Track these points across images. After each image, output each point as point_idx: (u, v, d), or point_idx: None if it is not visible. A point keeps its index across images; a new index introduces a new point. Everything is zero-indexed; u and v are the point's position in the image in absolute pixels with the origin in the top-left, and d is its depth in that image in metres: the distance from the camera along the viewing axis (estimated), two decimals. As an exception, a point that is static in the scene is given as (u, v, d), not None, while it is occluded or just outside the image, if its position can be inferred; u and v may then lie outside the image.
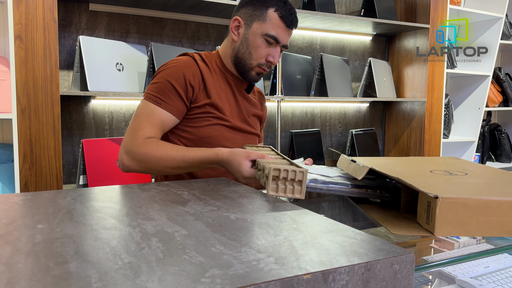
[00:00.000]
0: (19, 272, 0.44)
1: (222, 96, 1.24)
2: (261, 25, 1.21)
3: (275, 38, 1.21)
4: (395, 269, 0.51)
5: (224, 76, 1.28)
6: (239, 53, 1.24)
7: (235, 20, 1.25)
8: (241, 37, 1.24)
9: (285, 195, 0.84)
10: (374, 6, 2.65)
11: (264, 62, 1.24)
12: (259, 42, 1.21)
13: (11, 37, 1.60)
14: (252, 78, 1.27)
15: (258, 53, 1.22)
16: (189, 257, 0.49)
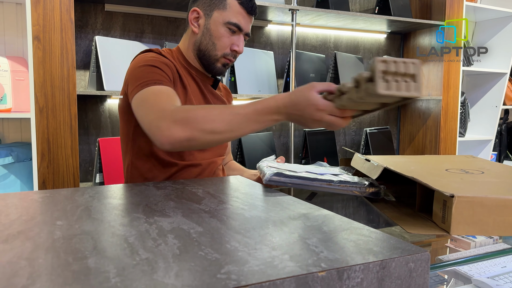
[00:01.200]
0: (40, 267, 0.45)
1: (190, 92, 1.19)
2: (221, 13, 1.15)
3: (238, 25, 1.16)
4: (410, 268, 0.51)
5: (188, 72, 1.21)
6: (201, 45, 1.18)
7: (193, 11, 1.19)
8: (202, 28, 1.18)
9: (399, 93, 0.67)
10: (388, 3, 2.62)
11: (229, 52, 1.18)
12: (222, 31, 1.16)
13: (29, 38, 1.63)
14: (219, 70, 1.21)
15: (222, 43, 1.16)
16: (204, 254, 0.50)
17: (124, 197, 0.79)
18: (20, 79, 1.78)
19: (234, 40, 1.17)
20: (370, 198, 1.05)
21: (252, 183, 0.95)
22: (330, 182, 0.92)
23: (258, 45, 2.50)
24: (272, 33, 2.56)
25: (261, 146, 2.39)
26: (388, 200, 1.01)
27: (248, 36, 1.21)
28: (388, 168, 0.93)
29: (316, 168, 1.08)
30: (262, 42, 2.52)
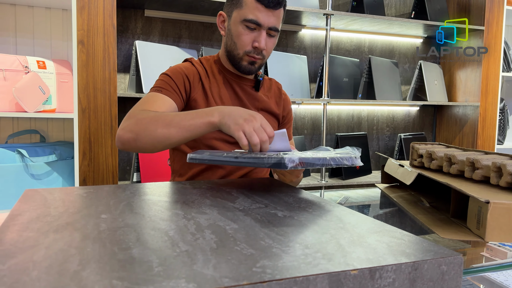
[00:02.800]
0: (88, 255, 0.49)
1: (222, 98, 1.22)
2: (239, 12, 1.16)
3: (255, 21, 1.14)
4: (443, 270, 0.51)
5: (223, 76, 1.25)
6: (227, 46, 1.22)
7: (219, 15, 1.24)
8: (226, 30, 1.21)
9: None
10: (425, 7, 2.59)
11: (251, 49, 1.17)
12: (240, 29, 1.16)
13: (74, 42, 1.71)
14: (246, 69, 1.21)
15: (241, 41, 1.17)
16: (240, 249, 0.52)
17: (162, 195, 0.82)
18: (64, 81, 1.87)
19: (255, 37, 1.17)
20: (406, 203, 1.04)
21: (284, 184, 0.97)
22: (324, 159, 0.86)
23: (291, 50, 2.52)
24: (306, 38, 2.57)
25: (293, 149, 2.40)
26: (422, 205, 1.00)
27: (275, 30, 1.18)
28: (422, 174, 0.93)
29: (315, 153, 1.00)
30: (296, 46, 2.54)
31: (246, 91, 1.26)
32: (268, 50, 1.19)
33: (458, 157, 0.94)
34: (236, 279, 0.42)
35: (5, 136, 1.91)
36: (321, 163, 0.83)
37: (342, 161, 0.88)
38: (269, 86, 1.33)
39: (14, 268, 0.44)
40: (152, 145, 0.97)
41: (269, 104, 1.29)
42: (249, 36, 1.16)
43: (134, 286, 0.40)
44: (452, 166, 0.94)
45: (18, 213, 0.67)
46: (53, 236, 0.55)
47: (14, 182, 1.72)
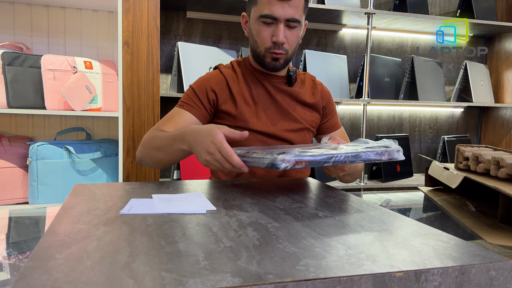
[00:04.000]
0: (137, 247, 0.51)
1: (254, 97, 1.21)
2: (255, 9, 1.15)
3: (270, 16, 1.12)
4: (492, 276, 0.50)
5: (254, 76, 1.24)
6: (251, 46, 1.21)
7: (242, 17, 1.24)
8: (248, 30, 1.22)
9: None
10: (471, 5, 2.49)
11: (271, 45, 1.15)
12: (258, 26, 1.15)
13: (120, 43, 1.77)
14: (270, 65, 1.19)
15: (261, 38, 1.16)
16: (282, 247, 0.52)
17: (204, 192, 0.84)
18: (110, 81, 1.94)
19: (272, 31, 1.14)
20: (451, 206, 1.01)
21: (323, 185, 0.97)
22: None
23: (331, 49, 2.50)
24: (346, 37, 2.54)
25: (331, 150, 2.38)
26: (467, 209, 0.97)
27: (294, 21, 1.14)
28: (469, 177, 0.90)
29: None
30: (336, 46, 2.51)
31: (278, 88, 1.24)
32: (290, 43, 1.16)
33: (507, 160, 0.90)
34: (280, 276, 0.43)
35: (54, 133, 2.01)
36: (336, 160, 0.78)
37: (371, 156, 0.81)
38: (303, 79, 1.31)
39: (69, 258, 0.46)
40: (154, 166, 1.11)
41: (304, 96, 1.27)
42: (267, 31, 1.14)
43: (182, 278, 0.41)
44: (500, 170, 0.91)
45: (69, 206, 0.71)
46: (103, 229, 0.58)
47: (61, 178, 1.80)
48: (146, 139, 1.11)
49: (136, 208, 0.70)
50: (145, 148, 1.10)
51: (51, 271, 0.42)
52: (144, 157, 1.11)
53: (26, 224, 1.30)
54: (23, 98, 1.75)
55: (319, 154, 0.77)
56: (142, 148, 1.11)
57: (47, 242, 0.51)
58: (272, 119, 1.21)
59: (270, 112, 1.22)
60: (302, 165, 0.75)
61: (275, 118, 1.22)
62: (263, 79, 1.23)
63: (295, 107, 1.25)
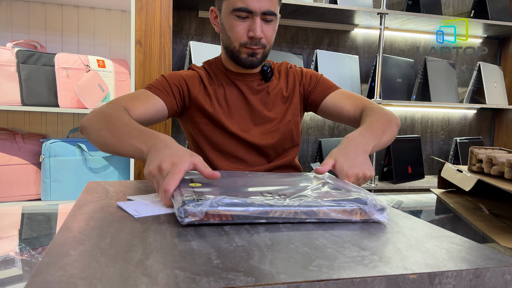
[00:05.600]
0: (150, 245, 0.51)
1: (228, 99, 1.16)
2: (227, 3, 1.07)
3: (245, 9, 1.04)
4: (507, 280, 0.49)
5: (227, 77, 1.18)
6: (223, 42, 1.14)
7: (211, 11, 1.16)
8: (219, 26, 1.14)
9: None
10: (486, 6, 2.47)
11: (247, 40, 1.08)
12: (232, 21, 1.07)
13: (132, 42, 1.78)
14: (247, 62, 1.11)
15: (235, 33, 1.08)
16: (295, 247, 0.52)
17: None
18: (122, 79, 1.95)
19: (248, 26, 1.07)
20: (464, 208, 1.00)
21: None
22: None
23: (343, 49, 2.49)
24: (358, 37, 2.53)
25: (342, 151, 2.37)
26: (481, 212, 0.96)
27: (270, 14, 1.07)
28: (483, 180, 0.89)
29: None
30: (347, 46, 2.50)
31: (252, 88, 1.18)
32: (267, 37, 1.09)
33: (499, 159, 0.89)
34: (293, 276, 0.43)
35: (67, 131, 2.03)
36: (274, 216, 0.61)
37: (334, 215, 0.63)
38: (280, 70, 1.24)
39: (84, 254, 0.47)
40: (97, 145, 0.93)
41: (281, 89, 1.20)
42: (242, 26, 1.07)
43: (195, 276, 0.41)
44: None
45: (83, 203, 0.71)
46: (116, 226, 0.58)
47: (74, 175, 1.82)
48: (104, 113, 0.94)
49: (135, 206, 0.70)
50: (98, 122, 0.92)
51: (66, 267, 0.43)
52: (91, 130, 0.93)
53: (38, 220, 1.32)
54: (36, 96, 1.77)
55: (249, 206, 0.60)
56: (95, 120, 0.94)
57: (61, 238, 0.52)
58: (245, 124, 1.16)
59: (243, 116, 1.16)
60: (218, 220, 0.59)
61: (248, 122, 1.16)
62: (236, 80, 1.17)
63: (274, 104, 1.19)
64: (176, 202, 0.61)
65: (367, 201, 0.66)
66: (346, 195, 0.68)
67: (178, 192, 0.65)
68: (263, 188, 0.72)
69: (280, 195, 0.67)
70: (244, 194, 0.66)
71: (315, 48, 2.37)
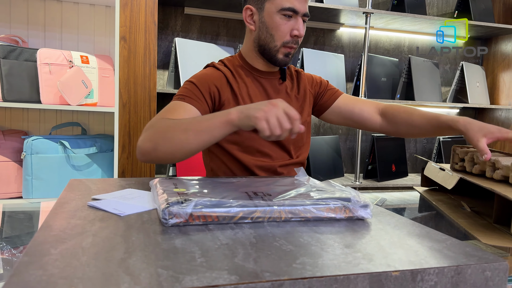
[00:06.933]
0: (133, 243, 0.50)
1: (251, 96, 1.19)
2: (273, 2, 1.12)
3: (292, 9, 1.11)
4: (487, 276, 0.50)
5: (250, 74, 1.21)
6: (260, 40, 1.17)
7: (246, 9, 1.18)
8: (258, 24, 1.16)
9: None
10: (469, 7, 2.50)
11: (290, 39, 1.14)
12: (277, 19, 1.12)
13: (117, 38, 1.76)
14: (282, 61, 1.17)
15: (279, 32, 1.13)
16: (279, 245, 0.52)
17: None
18: (106, 76, 1.93)
19: (293, 25, 1.13)
20: (446, 206, 1.02)
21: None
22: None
23: (328, 48, 2.50)
24: (344, 36, 2.54)
25: (326, 149, 2.38)
26: (463, 210, 0.98)
27: (307, 16, 1.16)
28: (465, 178, 0.90)
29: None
30: (333, 45, 2.51)
31: (274, 86, 1.23)
32: (303, 35, 1.17)
33: (502, 162, 0.90)
34: (277, 274, 0.43)
35: (49, 128, 1.99)
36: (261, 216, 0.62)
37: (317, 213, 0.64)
38: (290, 72, 1.30)
39: (65, 253, 0.46)
40: (171, 153, 0.92)
41: (295, 90, 1.27)
42: (287, 25, 1.13)
43: (178, 275, 0.41)
44: (496, 172, 0.91)
45: (65, 201, 0.70)
46: (99, 224, 0.57)
47: (56, 172, 1.79)
48: (161, 125, 0.95)
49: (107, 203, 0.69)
50: (164, 133, 0.92)
51: (46, 267, 0.42)
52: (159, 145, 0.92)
53: (20, 218, 1.29)
54: (18, 92, 1.73)
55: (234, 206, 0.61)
56: (156, 135, 0.93)
57: (42, 237, 0.51)
58: None
59: None
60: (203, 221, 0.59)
61: None
62: (259, 77, 1.22)
63: (291, 104, 1.24)
64: (160, 205, 0.61)
65: (350, 198, 0.67)
66: (330, 194, 0.69)
67: (162, 195, 0.64)
68: (248, 189, 0.73)
69: (265, 195, 0.68)
70: (230, 195, 0.66)
71: (301, 46, 2.37)
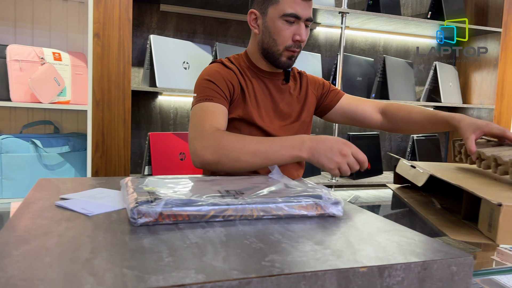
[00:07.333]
0: (100, 243, 0.49)
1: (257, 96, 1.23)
2: (276, 8, 1.16)
3: (294, 15, 1.14)
4: (453, 271, 0.51)
5: (255, 74, 1.25)
6: (264, 44, 1.21)
7: (250, 13, 1.23)
8: (261, 28, 1.20)
9: None
10: (442, 8, 2.55)
11: (292, 44, 1.18)
12: (279, 25, 1.16)
13: (90, 35, 1.73)
14: (285, 64, 1.21)
15: (282, 37, 1.17)
16: (249, 243, 0.52)
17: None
18: (79, 73, 1.89)
19: (295, 30, 1.17)
20: (418, 203, 1.03)
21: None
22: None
23: (305, 47, 2.51)
24: (320, 36, 2.56)
25: (304, 148, 2.39)
26: (433, 207, 1.00)
27: (311, 21, 1.19)
28: (434, 175, 0.92)
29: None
30: (310, 44, 2.53)
31: (278, 86, 1.27)
32: (305, 40, 1.20)
33: (487, 153, 0.95)
34: (245, 272, 0.43)
35: (20, 126, 1.94)
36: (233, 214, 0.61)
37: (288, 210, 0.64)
38: (293, 74, 1.34)
39: (27, 254, 0.45)
40: (233, 170, 1.00)
41: (298, 91, 1.31)
42: (289, 30, 1.16)
43: (144, 275, 0.40)
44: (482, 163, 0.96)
45: (31, 201, 0.68)
46: (65, 224, 0.56)
47: (27, 172, 1.74)
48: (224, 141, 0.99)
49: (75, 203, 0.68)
50: (229, 151, 0.98)
51: (5, 268, 0.41)
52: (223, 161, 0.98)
53: (-12, 219, 1.25)
54: (-14, 89, 1.68)
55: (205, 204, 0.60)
56: (221, 151, 0.98)
57: (4, 238, 0.49)
58: (270, 118, 1.24)
59: (268, 111, 1.24)
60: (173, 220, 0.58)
61: (272, 117, 1.25)
62: (264, 77, 1.25)
63: (293, 104, 1.29)
64: (129, 204, 0.60)
65: (322, 196, 0.67)
66: (302, 191, 0.70)
67: (132, 194, 0.63)
68: (221, 187, 0.73)
69: (237, 193, 0.68)
70: (202, 194, 0.66)
71: (278, 45, 2.38)
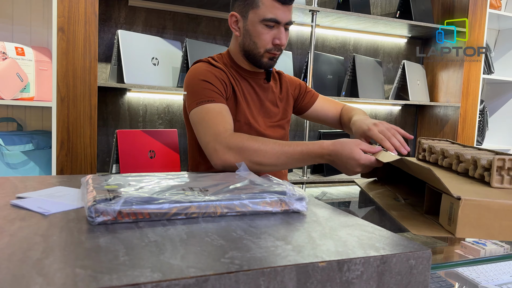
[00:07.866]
0: (53, 243, 0.48)
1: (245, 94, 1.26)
2: (256, 12, 1.18)
3: (274, 19, 1.17)
4: (411, 264, 0.52)
5: (239, 74, 1.27)
6: (245, 46, 1.23)
7: (231, 16, 1.25)
8: (242, 31, 1.23)
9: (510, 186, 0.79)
10: (410, 8, 2.61)
11: (272, 47, 1.21)
12: (259, 29, 1.19)
13: (54, 29, 1.67)
14: (267, 64, 1.24)
15: (262, 41, 1.19)
16: (210, 240, 0.51)
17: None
18: (44, 69, 1.83)
19: (275, 34, 1.19)
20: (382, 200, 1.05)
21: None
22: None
23: (277, 45, 2.51)
24: (292, 34, 2.57)
25: (275, 145, 2.40)
26: (398, 201, 1.01)
27: (290, 23, 1.22)
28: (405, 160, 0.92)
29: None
30: (281, 42, 2.53)
31: (261, 85, 1.30)
32: (285, 44, 1.23)
33: (450, 151, 0.99)
34: (203, 269, 0.42)
35: (-19, 124, 1.86)
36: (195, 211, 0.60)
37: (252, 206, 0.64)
38: (272, 73, 1.37)
39: (-26, 255, 0.43)
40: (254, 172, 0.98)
41: (279, 90, 1.35)
42: (269, 34, 1.19)
43: (97, 274, 0.39)
44: (444, 160, 1.00)
45: (-14, 200, 0.66)
46: (19, 224, 0.54)
47: (-11, 171, 1.68)
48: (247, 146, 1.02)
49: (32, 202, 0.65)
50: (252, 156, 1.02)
51: (-52, 270, 0.39)
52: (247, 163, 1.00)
53: None
54: None
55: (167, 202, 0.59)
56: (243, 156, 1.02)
57: (-49, 239, 0.47)
58: (259, 117, 1.27)
59: (257, 109, 1.27)
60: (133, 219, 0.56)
61: (261, 115, 1.28)
62: (247, 77, 1.28)
63: (276, 102, 1.33)
64: (87, 202, 0.58)
65: (286, 192, 0.67)
66: (266, 188, 0.70)
67: (91, 192, 0.61)
68: (185, 184, 0.72)
69: (201, 190, 0.67)
70: (164, 191, 0.64)
71: (249, 42, 2.37)
